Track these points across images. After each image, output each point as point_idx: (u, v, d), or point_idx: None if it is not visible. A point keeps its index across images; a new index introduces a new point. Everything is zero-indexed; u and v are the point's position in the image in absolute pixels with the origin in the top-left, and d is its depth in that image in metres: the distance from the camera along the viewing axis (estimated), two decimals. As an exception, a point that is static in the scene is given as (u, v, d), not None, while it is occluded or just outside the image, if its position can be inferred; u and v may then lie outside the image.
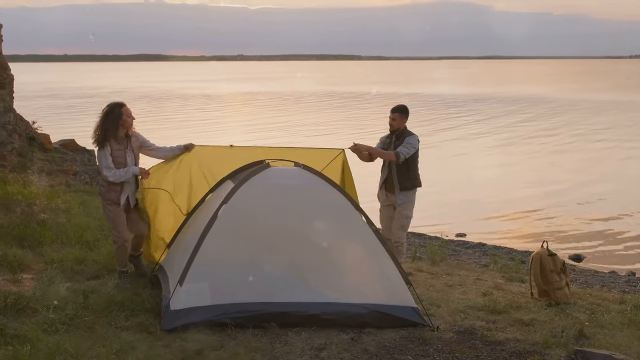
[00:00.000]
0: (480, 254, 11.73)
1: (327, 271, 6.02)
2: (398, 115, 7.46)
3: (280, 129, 32.45)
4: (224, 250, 5.85)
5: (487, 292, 7.37)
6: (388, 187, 7.50)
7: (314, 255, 6.01)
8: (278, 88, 74.50)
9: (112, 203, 6.71)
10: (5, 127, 14.87)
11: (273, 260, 5.91)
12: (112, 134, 6.63)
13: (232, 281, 5.81)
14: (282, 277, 5.89)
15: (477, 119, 37.85)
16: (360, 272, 6.14)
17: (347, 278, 6.08)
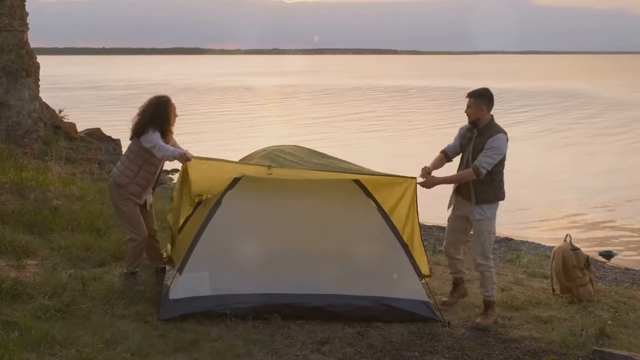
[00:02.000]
0: (505, 249, 11.35)
1: (333, 262, 5.75)
2: (473, 101, 5.75)
3: (326, 124, 31.58)
4: (226, 239, 5.62)
5: (506, 288, 7.05)
6: (463, 192, 5.96)
7: (320, 245, 5.76)
8: (318, 81, 73.89)
9: (129, 199, 6.15)
10: (31, 115, 14.96)
11: (277, 250, 5.68)
12: (159, 126, 6.12)
13: (234, 271, 5.59)
14: (286, 268, 5.65)
15: (529, 115, 36.75)
16: (369, 263, 5.81)
17: (355, 269, 5.78)
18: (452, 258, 6.35)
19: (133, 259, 6.29)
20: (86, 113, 31.02)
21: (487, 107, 5.75)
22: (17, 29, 14.38)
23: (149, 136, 6.02)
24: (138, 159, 6.13)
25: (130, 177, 6.12)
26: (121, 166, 6.19)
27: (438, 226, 13.00)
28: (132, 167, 6.12)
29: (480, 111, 5.75)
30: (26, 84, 14.73)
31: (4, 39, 14.15)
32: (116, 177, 6.18)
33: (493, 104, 5.81)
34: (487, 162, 5.62)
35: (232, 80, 75.48)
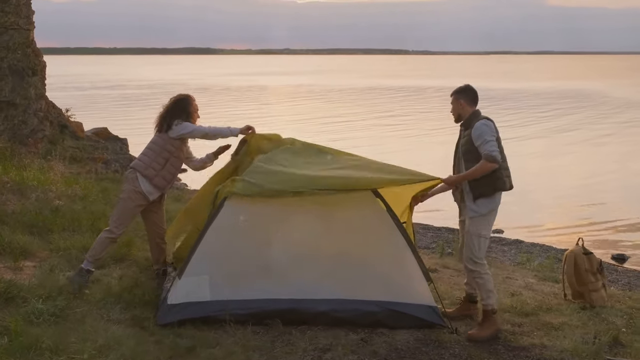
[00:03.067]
0: (516, 252, 11.10)
1: (338, 265, 5.55)
2: (453, 98, 5.67)
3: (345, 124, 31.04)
4: (227, 243, 5.44)
5: (516, 293, 6.83)
6: (457, 196, 5.82)
7: (324, 248, 5.57)
8: (331, 81, 73.29)
9: (141, 194, 6.02)
10: (37, 114, 14.85)
11: (280, 253, 5.50)
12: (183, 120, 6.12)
13: (235, 276, 5.41)
14: (289, 272, 5.46)
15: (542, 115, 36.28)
16: (375, 266, 5.59)
17: (360, 272, 5.57)
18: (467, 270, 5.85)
19: (99, 252, 6.09)
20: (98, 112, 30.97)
21: (465, 101, 5.61)
22: (23, 27, 14.27)
23: (181, 126, 6.03)
24: (164, 152, 6.08)
25: (157, 170, 6.06)
26: (146, 159, 6.10)
27: (447, 228, 12.80)
28: (159, 160, 6.07)
29: (460, 106, 5.63)
30: (32, 82, 14.62)
31: (9, 37, 14.04)
32: (141, 168, 6.06)
33: (474, 98, 5.66)
34: (490, 147, 5.33)
35: (246, 80, 75.03)
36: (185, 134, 6.06)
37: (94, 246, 6.15)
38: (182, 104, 6.19)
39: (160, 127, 6.11)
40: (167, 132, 6.04)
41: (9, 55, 14.01)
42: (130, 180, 6.11)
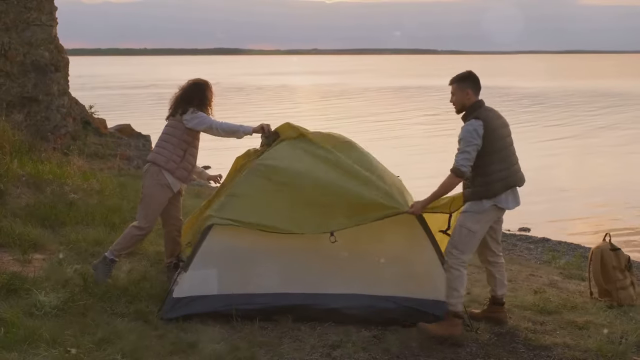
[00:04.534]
0: (542, 250, 10.76)
1: (351, 259, 5.30)
2: (456, 86, 5.14)
3: (388, 123, 30.32)
4: (235, 234, 5.24)
5: (539, 290, 6.54)
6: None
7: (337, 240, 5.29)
8: (365, 80, 72.17)
9: (166, 186, 5.83)
10: (60, 110, 14.86)
11: (290, 246, 5.26)
12: (199, 107, 5.88)
13: (243, 269, 5.20)
14: (299, 266, 5.23)
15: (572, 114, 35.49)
16: (391, 260, 5.32)
17: (375, 267, 5.33)
18: (486, 267, 5.61)
19: (125, 246, 5.91)
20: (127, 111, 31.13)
21: (472, 90, 5.10)
22: (45, 23, 14.27)
23: (199, 119, 5.81)
24: (182, 143, 5.87)
25: (177, 162, 5.85)
26: (166, 152, 5.86)
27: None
28: (178, 151, 5.86)
29: (466, 95, 5.09)
30: (55, 79, 14.61)
31: (32, 34, 14.04)
32: (162, 162, 5.83)
33: (480, 87, 5.18)
34: (462, 158, 4.89)
35: (278, 80, 74.67)
36: (201, 129, 5.85)
37: (120, 240, 5.96)
38: (200, 88, 5.95)
39: (174, 111, 5.90)
40: (181, 116, 5.83)
41: (31, 51, 14.01)
42: (152, 174, 5.86)
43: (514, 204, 5.15)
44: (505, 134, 5.12)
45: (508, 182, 5.04)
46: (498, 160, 4.99)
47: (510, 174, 5.06)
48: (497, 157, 4.99)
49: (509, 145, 5.13)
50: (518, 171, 5.18)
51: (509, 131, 5.22)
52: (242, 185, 5.38)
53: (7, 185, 8.22)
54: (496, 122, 5.06)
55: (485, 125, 4.94)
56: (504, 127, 5.14)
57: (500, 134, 5.04)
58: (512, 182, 5.08)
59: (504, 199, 5.05)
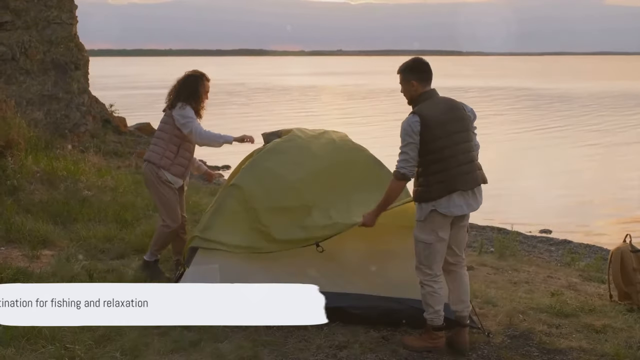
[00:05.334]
0: (563, 252, 10.52)
1: (358, 258, 5.18)
2: (400, 77, 4.64)
3: None
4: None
5: (557, 292, 6.35)
6: None
7: (344, 239, 5.16)
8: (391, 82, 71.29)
9: (167, 182, 5.76)
10: (79, 109, 14.94)
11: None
12: (189, 101, 5.73)
13: (247, 265, 5.09)
14: (305, 263, 5.10)
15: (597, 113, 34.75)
16: (399, 261, 5.16)
17: (382, 267, 5.19)
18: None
19: (161, 245, 5.93)
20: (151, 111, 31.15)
21: (417, 80, 4.55)
22: (66, 21, 14.36)
23: (184, 118, 5.64)
24: (174, 138, 5.75)
25: (171, 159, 5.76)
26: (158, 148, 5.78)
27: (492, 227, 12.30)
28: (171, 147, 5.76)
29: (412, 86, 4.55)
30: (75, 77, 14.71)
31: (52, 32, 14.13)
32: (156, 160, 5.75)
33: (427, 76, 4.61)
34: (401, 159, 4.45)
35: (305, 80, 74.19)
36: (185, 132, 5.68)
37: (154, 241, 5.94)
38: (190, 81, 5.83)
39: (169, 106, 5.82)
40: (170, 110, 5.73)
41: (51, 50, 14.12)
42: (151, 173, 5.79)
43: (459, 209, 4.49)
44: (454, 129, 4.46)
45: (447, 186, 4.41)
46: (437, 160, 4.41)
47: (451, 177, 4.42)
48: (436, 157, 4.41)
49: (455, 144, 4.44)
50: (466, 173, 4.48)
51: (464, 126, 4.53)
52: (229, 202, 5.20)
53: (21, 181, 8.24)
54: (442, 117, 4.44)
55: (423, 121, 4.38)
56: (454, 121, 4.49)
57: (443, 131, 4.40)
58: (453, 185, 4.41)
59: (444, 204, 4.44)
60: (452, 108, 4.56)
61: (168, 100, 5.85)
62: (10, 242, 6.69)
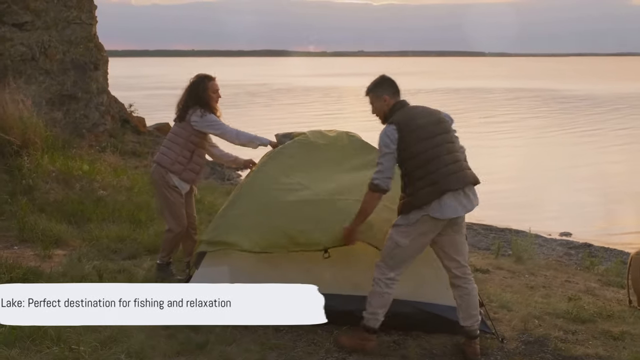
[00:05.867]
0: (583, 255, 10.34)
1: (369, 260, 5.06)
2: (372, 96, 4.64)
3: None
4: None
5: (574, 297, 6.22)
6: None
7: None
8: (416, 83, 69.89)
9: (174, 187, 5.68)
10: (98, 108, 15.00)
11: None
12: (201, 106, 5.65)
13: (257, 267, 5.03)
14: (315, 265, 5.02)
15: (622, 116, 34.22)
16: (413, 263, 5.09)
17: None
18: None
19: (169, 250, 5.92)
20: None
21: (389, 94, 4.53)
22: (85, 21, 14.41)
23: (208, 121, 5.59)
24: (189, 144, 5.67)
25: (184, 164, 5.68)
26: (172, 153, 5.68)
27: (510, 229, 12.15)
28: (184, 153, 5.67)
29: (384, 102, 4.51)
30: (94, 77, 14.76)
31: (72, 32, 14.19)
32: (167, 164, 5.67)
33: (397, 88, 4.60)
34: (376, 170, 4.39)
35: (328, 81, 73.90)
36: (212, 132, 5.69)
37: (162, 247, 5.94)
38: (196, 86, 5.71)
39: (178, 117, 5.74)
40: (185, 121, 5.65)
41: (71, 50, 14.16)
42: (160, 177, 5.74)
43: (453, 210, 4.34)
44: (433, 132, 4.38)
45: (437, 188, 4.28)
46: (421, 164, 4.30)
47: (438, 178, 4.29)
48: (419, 161, 4.31)
49: (436, 145, 4.34)
50: (454, 172, 4.34)
51: (444, 128, 4.45)
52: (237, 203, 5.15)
53: (36, 180, 8.26)
54: (419, 121, 4.39)
55: (400, 127, 4.33)
56: (433, 125, 4.41)
57: (422, 134, 4.33)
58: (442, 186, 4.28)
59: (436, 208, 4.30)
60: (428, 112, 4.52)
61: (177, 110, 5.77)
62: (24, 242, 6.71)
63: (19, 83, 12.82)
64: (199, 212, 8.53)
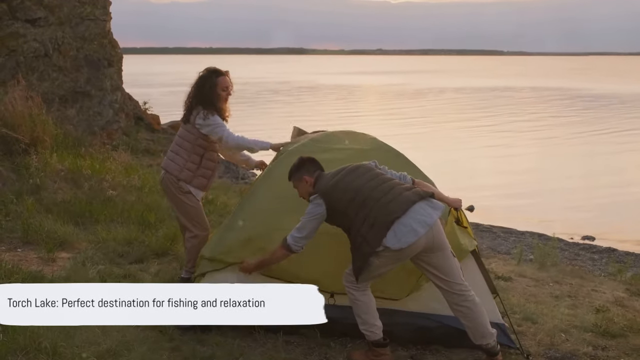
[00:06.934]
0: (607, 261, 9.99)
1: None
2: (294, 181, 4.55)
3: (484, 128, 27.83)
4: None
5: (602, 308, 5.88)
6: None
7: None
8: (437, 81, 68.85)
9: (190, 192, 5.28)
10: (112, 106, 14.82)
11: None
12: (205, 105, 5.19)
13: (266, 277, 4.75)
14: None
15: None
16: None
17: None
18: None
19: (195, 259, 5.23)
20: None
21: (308, 174, 4.44)
22: (99, 17, 14.25)
23: (211, 124, 5.13)
24: (197, 148, 5.24)
25: (193, 170, 5.26)
26: (179, 159, 5.25)
27: (531, 232, 11.81)
28: (193, 158, 5.25)
29: (306, 183, 4.43)
30: (108, 74, 14.59)
31: (86, 28, 14.04)
32: (176, 172, 5.24)
33: (312, 165, 4.49)
34: (297, 230, 4.28)
35: (350, 79, 73.48)
36: (213, 138, 5.23)
37: (187, 256, 5.43)
38: (203, 83, 5.25)
39: (184, 118, 5.33)
40: (190, 123, 5.25)
41: (85, 46, 14.01)
42: (172, 184, 5.32)
43: (413, 234, 4.05)
44: (352, 178, 4.27)
45: (382, 223, 4.06)
46: (357, 209, 4.13)
47: (378, 213, 4.09)
48: (354, 208, 4.14)
49: (360, 189, 4.19)
50: (390, 201, 4.12)
51: (362, 170, 4.34)
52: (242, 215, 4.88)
53: (44, 179, 8.04)
54: (335, 178, 4.30)
55: (323, 193, 4.25)
56: (348, 174, 4.31)
57: (344, 186, 4.23)
58: (386, 217, 4.07)
59: (392, 240, 4.05)
60: (341, 169, 4.40)
61: (185, 108, 5.35)
62: (28, 244, 6.48)
63: (32, 80, 12.68)
64: (210, 213, 8.31)
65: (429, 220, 4.10)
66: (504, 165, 18.92)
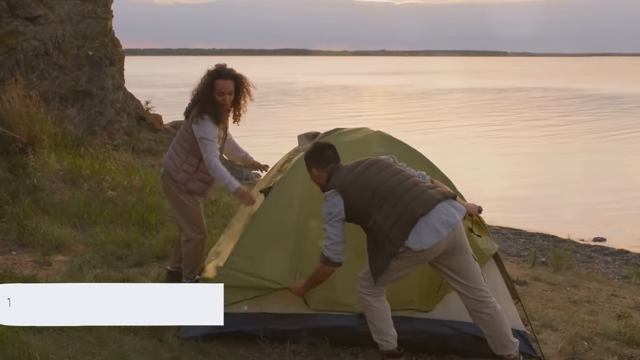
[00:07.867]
0: (620, 263, 9.70)
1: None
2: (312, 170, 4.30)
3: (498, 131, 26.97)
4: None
5: (624, 314, 5.61)
6: None
7: None
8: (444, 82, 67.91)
9: (190, 192, 4.99)
10: (114, 105, 14.56)
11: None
12: (203, 108, 4.84)
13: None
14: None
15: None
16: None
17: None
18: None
19: (193, 264, 5.08)
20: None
21: (316, 167, 4.20)
22: (101, 16, 13.98)
23: (200, 127, 4.78)
24: (196, 150, 4.89)
25: (190, 173, 4.94)
26: (177, 158, 4.95)
27: (541, 234, 11.54)
28: (191, 160, 4.93)
29: (314, 175, 4.22)
30: (109, 73, 14.32)
31: (87, 26, 13.77)
32: (172, 171, 4.96)
33: (322, 157, 4.23)
34: (328, 239, 3.99)
35: (355, 80, 73.04)
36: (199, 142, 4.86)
37: (184, 262, 5.13)
38: (203, 82, 4.93)
39: (185, 113, 5.04)
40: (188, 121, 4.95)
41: (86, 45, 13.74)
42: (171, 182, 5.02)
43: (436, 235, 3.82)
44: (373, 173, 4.04)
45: (405, 221, 3.83)
46: (378, 205, 3.91)
47: (402, 210, 3.86)
48: (376, 204, 3.92)
49: (383, 183, 3.97)
50: (414, 198, 3.90)
51: (382, 166, 4.10)
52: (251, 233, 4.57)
53: (41, 180, 7.78)
54: (352, 172, 4.07)
55: (341, 189, 4.00)
56: (367, 168, 4.08)
57: (364, 182, 3.99)
58: (410, 215, 3.84)
59: (414, 240, 3.82)
60: (358, 162, 4.16)
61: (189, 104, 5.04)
62: (23, 246, 6.24)
63: (32, 78, 12.43)
64: (214, 214, 8.06)
65: (453, 221, 3.86)
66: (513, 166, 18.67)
